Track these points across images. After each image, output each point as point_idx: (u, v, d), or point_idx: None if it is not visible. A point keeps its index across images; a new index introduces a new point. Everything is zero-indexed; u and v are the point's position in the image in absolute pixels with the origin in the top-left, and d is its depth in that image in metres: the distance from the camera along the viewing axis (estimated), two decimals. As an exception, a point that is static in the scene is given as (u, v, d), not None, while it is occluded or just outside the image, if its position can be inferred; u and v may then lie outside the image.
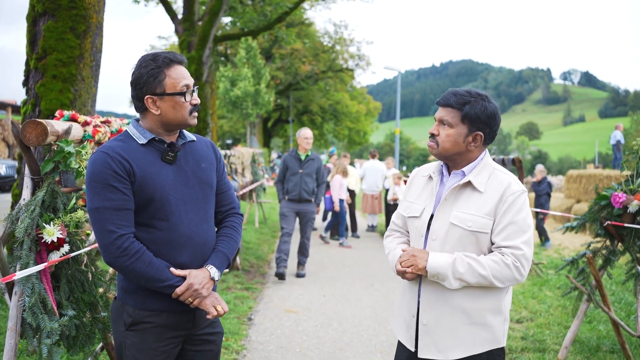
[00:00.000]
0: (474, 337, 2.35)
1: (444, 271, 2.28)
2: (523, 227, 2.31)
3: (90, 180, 2.16)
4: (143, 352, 2.25)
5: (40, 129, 2.74)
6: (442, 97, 2.42)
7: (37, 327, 2.56)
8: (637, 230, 4.48)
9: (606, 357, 4.80)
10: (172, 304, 2.25)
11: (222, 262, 2.36)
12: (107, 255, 2.16)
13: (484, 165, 2.42)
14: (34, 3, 6.16)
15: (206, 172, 2.39)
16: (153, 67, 2.23)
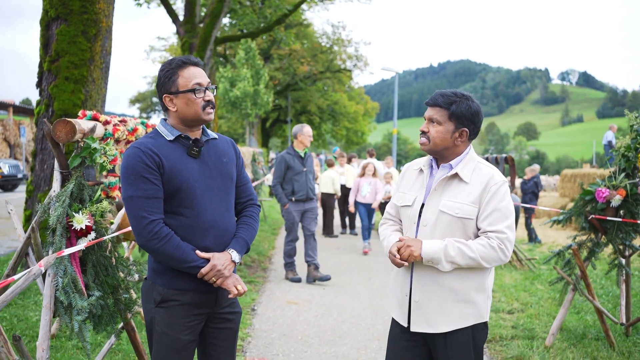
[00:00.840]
0: (460, 312, 2.62)
1: (437, 256, 2.53)
2: (505, 214, 2.58)
3: (125, 172, 2.42)
4: (171, 326, 2.50)
5: (69, 127, 3.03)
6: (430, 98, 2.68)
7: (68, 305, 2.84)
8: (619, 223, 4.78)
9: (591, 343, 5.08)
10: (197, 283, 2.49)
11: (242, 246, 2.61)
12: (140, 239, 2.42)
13: (469, 159, 2.69)
14: (47, 8, 6.44)
15: (227, 166, 2.63)
16: (168, 70, 2.50)
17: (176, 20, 15.30)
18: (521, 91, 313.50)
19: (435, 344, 2.67)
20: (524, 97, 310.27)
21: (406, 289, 2.72)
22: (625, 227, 4.78)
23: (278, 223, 14.21)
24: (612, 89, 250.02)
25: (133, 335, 3.50)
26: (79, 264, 3.00)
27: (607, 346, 4.98)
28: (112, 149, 3.35)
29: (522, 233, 13.39)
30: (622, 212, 4.78)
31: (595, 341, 5.14)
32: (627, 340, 5.16)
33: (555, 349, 4.92)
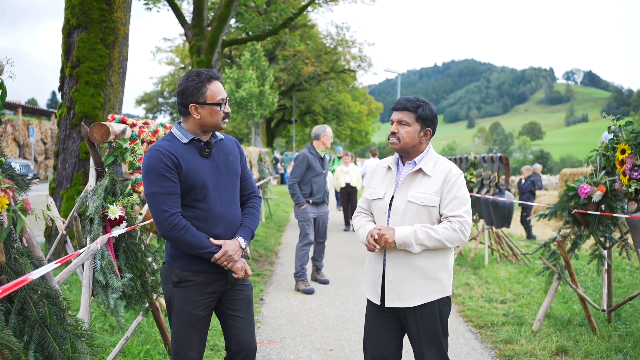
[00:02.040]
0: (428, 288, 3.04)
1: (408, 240, 2.94)
2: (463, 201, 3.03)
3: (147, 171, 2.76)
4: (187, 303, 2.87)
5: (104, 129, 3.46)
6: (398, 103, 3.09)
7: (105, 284, 3.27)
8: (600, 217, 5.18)
9: (575, 329, 5.48)
10: (209, 266, 2.86)
11: (247, 234, 3.00)
12: (161, 230, 2.77)
13: (430, 155, 3.13)
14: (69, 17, 6.89)
15: (233, 164, 3.01)
16: (197, 82, 2.82)
17: (185, 23, 15.74)
18: (526, 91, 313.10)
19: (407, 318, 3.08)
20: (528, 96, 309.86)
21: (379, 271, 3.12)
22: (605, 221, 5.18)
23: (283, 220, 14.65)
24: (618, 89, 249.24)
25: (157, 314, 3.93)
26: (112, 249, 3.43)
27: (590, 331, 5.37)
28: (140, 148, 3.78)
29: (518, 230, 13.80)
30: (602, 206, 5.18)
31: (579, 327, 5.53)
32: (608, 325, 5.56)
33: (541, 334, 5.32)
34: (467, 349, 5.08)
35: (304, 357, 4.85)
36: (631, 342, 5.00)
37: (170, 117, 50.87)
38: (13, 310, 1.93)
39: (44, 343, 1.97)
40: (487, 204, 8.67)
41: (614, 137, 4.91)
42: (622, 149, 4.73)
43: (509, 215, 8.53)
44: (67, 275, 2.76)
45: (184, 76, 2.91)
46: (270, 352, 4.93)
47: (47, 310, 2.00)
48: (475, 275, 8.07)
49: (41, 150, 34.31)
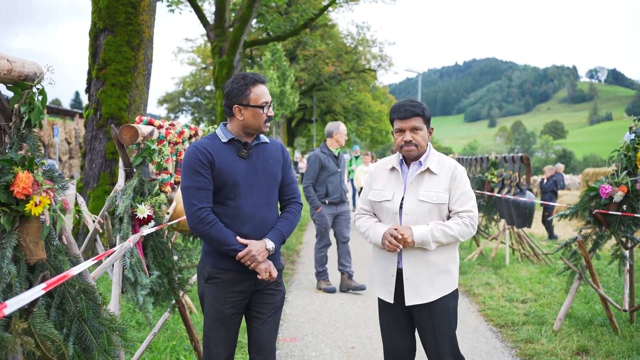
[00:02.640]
0: (442, 282, 3.14)
1: (426, 239, 3.01)
2: (470, 195, 3.14)
3: (184, 166, 2.88)
4: (216, 300, 2.93)
5: (133, 131, 3.57)
6: (405, 112, 3.11)
7: (134, 281, 3.38)
8: (621, 217, 5.18)
9: (597, 329, 5.48)
10: (238, 265, 2.89)
11: (277, 237, 2.99)
12: (190, 222, 2.85)
13: (433, 154, 3.22)
14: (96, 20, 7.06)
15: (272, 167, 3.04)
16: (242, 84, 2.90)
17: (207, 24, 15.92)
18: (548, 89, 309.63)
19: (421, 314, 3.16)
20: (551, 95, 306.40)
21: (392, 270, 3.18)
22: (626, 221, 5.17)
23: (304, 219, 14.73)
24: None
25: (183, 311, 4.04)
26: (141, 247, 3.54)
27: (611, 331, 5.37)
28: (167, 149, 3.89)
29: (540, 230, 13.72)
30: (624, 207, 5.18)
31: (601, 327, 5.53)
32: (630, 326, 5.55)
33: (562, 333, 5.34)
34: (488, 347, 5.11)
35: (325, 354, 4.93)
36: (653, 343, 5.00)
37: (191, 117, 51.27)
38: (53, 304, 2.04)
39: (81, 336, 2.08)
40: (508, 203, 8.66)
41: (636, 137, 4.91)
42: (644, 149, 4.73)
43: (530, 215, 8.52)
44: (102, 271, 2.87)
45: (231, 79, 3.00)
46: (293, 350, 5.02)
47: (85, 305, 2.10)
48: (496, 275, 8.08)
49: (65, 150, 34.87)
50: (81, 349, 2.06)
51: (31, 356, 1.84)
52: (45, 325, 1.87)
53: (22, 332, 1.79)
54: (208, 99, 47.14)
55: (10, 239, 1.86)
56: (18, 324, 1.78)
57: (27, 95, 1.98)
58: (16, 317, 1.80)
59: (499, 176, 9.02)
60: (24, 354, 1.83)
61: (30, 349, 1.79)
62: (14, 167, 1.88)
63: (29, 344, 1.79)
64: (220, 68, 15.19)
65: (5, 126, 1.99)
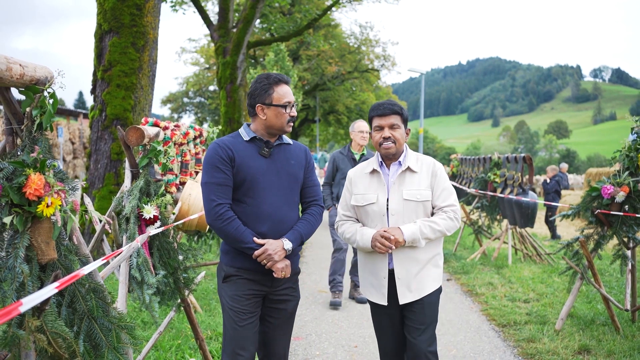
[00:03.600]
0: (432, 277, 3.22)
1: (416, 237, 3.07)
2: (450, 190, 3.24)
3: (205, 162, 2.89)
4: (233, 299, 2.91)
5: (139, 133, 3.62)
6: (384, 109, 3.19)
7: (141, 281, 3.43)
8: (623, 217, 5.21)
9: (598, 328, 5.52)
10: (253, 264, 2.88)
11: (296, 238, 2.96)
12: (208, 218, 2.86)
13: (410, 153, 3.28)
14: (101, 22, 7.11)
15: (294, 168, 3.04)
16: (265, 84, 2.94)
17: (210, 25, 15.97)
18: (552, 89, 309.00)
19: (412, 310, 3.21)
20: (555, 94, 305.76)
21: (384, 272, 3.20)
22: (628, 221, 5.21)
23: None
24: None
25: (188, 310, 4.08)
26: (147, 247, 3.59)
27: (613, 330, 5.41)
28: (173, 150, 3.94)
29: (543, 230, 13.74)
30: (626, 207, 5.22)
31: (603, 326, 5.57)
32: (632, 325, 5.59)
33: (564, 333, 5.37)
34: (490, 347, 5.15)
35: (329, 353, 4.98)
36: (655, 342, 5.03)
37: (195, 117, 51.36)
38: (64, 303, 2.09)
39: (91, 333, 2.12)
40: (510, 203, 8.70)
41: (638, 138, 4.94)
42: (645, 150, 4.76)
43: (532, 215, 8.55)
44: (111, 271, 2.92)
45: (255, 79, 3.03)
46: (297, 348, 5.07)
47: (94, 304, 2.15)
48: (499, 275, 8.11)
49: (69, 150, 34.95)
50: (91, 347, 2.11)
51: (44, 353, 1.89)
52: (57, 323, 1.92)
53: (35, 329, 1.84)
54: (211, 99, 47.21)
55: (23, 239, 1.91)
56: (31, 321, 1.83)
57: (39, 99, 2.04)
58: (29, 315, 1.85)
59: (502, 176, 9.06)
60: (37, 351, 1.88)
61: (42, 346, 1.84)
62: (26, 169, 1.94)
63: (41, 341, 1.84)
64: (223, 68, 15.24)
65: (17, 129, 2.04)
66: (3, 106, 2.01)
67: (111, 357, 2.12)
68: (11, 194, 1.86)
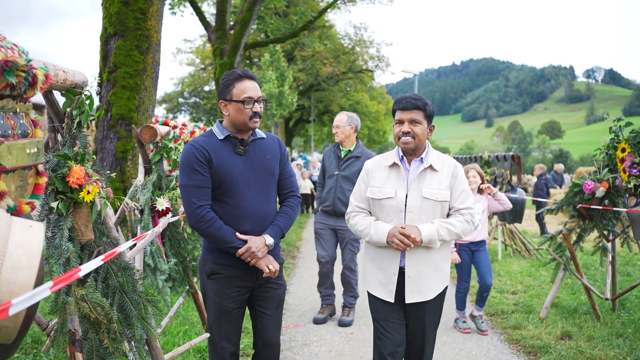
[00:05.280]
0: (439, 279, 3.17)
1: (433, 237, 2.99)
2: (468, 193, 3.18)
3: (181, 164, 2.86)
4: (218, 295, 2.95)
5: (152, 131, 3.92)
6: (407, 103, 3.09)
7: (154, 267, 3.74)
8: (603, 211, 5.54)
9: (581, 316, 5.85)
10: (238, 261, 2.90)
11: (276, 232, 2.99)
12: (189, 220, 2.86)
13: (432, 151, 3.20)
14: (107, 26, 7.40)
15: (270, 162, 3.02)
16: (227, 80, 2.92)
17: (208, 27, 16.26)
18: (545, 89, 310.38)
19: (417, 311, 3.17)
20: (548, 95, 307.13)
21: (394, 269, 3.12)
22: (607, 215, 5.54)
23: (303, 217, 15.11)
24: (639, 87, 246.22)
25: (196, 296, 4.39)
26: (160, 236, 3.90)
27: (594, 318, 5.74)
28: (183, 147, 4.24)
29: (534, 227, 14.10)
30: (605, 201, 5.55)
31: (585, 315, 5.90)
32: (612, 313, 5.92)
33: (548, 321, 5.70)
34: (478, 334, 5.47)
35: (326, 339, 5.28)
36: (632, 328, 5.36)
37: (190, 117, 51.55)
38: (99, 278, 2.39)
39: (123, 305, 2.43)
40: (500, 200, 9.02)
41: (615, 136, 5.28)
42: (622, 147, 5.10)
43: (520, 211, 8.89)
44: (137, 253, 3.21)
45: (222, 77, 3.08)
46: (296, 335, 5.37)
47: (125, 280, 2.45)
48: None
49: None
50: (122, 317, 2.41)
51: (86, 319, 2.19)
52: (95, 294, 2.22)
53: (80, 298, 2.14)
54: (207, 99, 47.38)
55: (67, 221, 2.21)
56: (77, 290, 2.13)
57: (78, 101, 2.33)
58: (75, 285, 2.15)
59: (492, 174, 9.39)
60: (80, 317, 2.18)
61: (85, 312, 2.14)
62: (69, 161, 2.23)
63: (84, 308, 2.13)
64: (221, 70, 15.54)
65: (58, 127, 2.34)
66: (47, 106, 2.31)
67: (140, 326, 2.43)
68: (56, 182, 2.16)
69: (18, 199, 1.73)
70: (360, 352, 4.92)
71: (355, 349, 5.02)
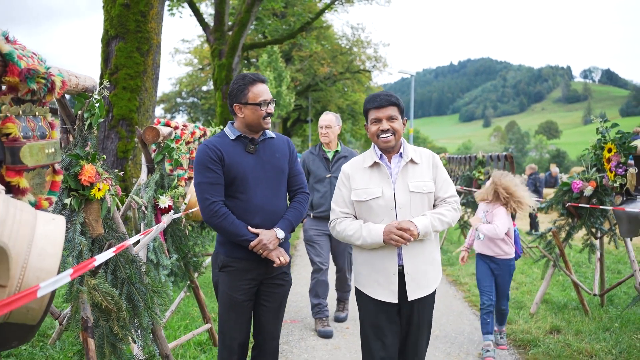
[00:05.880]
0: (435, 273, 3.18)
1: (428, 230, 2.98)
2: (449, 180, 3.21)
3: (196, 163, 3.02)
4: (230, 287, 3.07)
5: (155, 132, 4.08)
6: (382, 100, 3.05)
7: (157, 263, 3.89)
8: (590, 209, 5.72)
9: (570, 312, 6.02)
10: (250, 254, 3.04)
11: (287, 226, 3.13)
12: (204, 216, 3.00)
13: (408, 145, 3.17)
14: (108, 28, 7.55)
15: (279, 161, 3.17)
16: (241, 84, 3.06)
17: (206, 28, 16.42)
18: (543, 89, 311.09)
19: (413, 308, 3.13)
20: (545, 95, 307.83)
21: (393, 268, 3.06)
22: (595, 213, 5.72)
23: (301, 217, 15.26)
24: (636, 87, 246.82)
25: (197, 291, 4.55)
26: (162, 233, 4.06)
27: (583, 313, 5.92)
28: (184, 148, 4.41)
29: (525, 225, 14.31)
30: (593, 200, 5.73)
31: (574, 310, 6.08)
32: (600, 309, 6.10)
33: (538, 316, 5.88)
34: (470, 328, 5.64)
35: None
36: (619, 323, 5.54)
37: (187, 117, 51.69)
38: (108, 270, 2.56)
39: (130, 295, 2.59)
40: (493, 199, 9.19)
41: (602, 137, 5.45)
42: (608, 148, 5.27)
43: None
44: (143, 247, 3.37)
45: (233, 80, 3.30)
46: (293, 330, 5.54)
47: (132, 272, 2.61)
48: (482, 267, 8.61)
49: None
50: (130, 307, 2.58)
51: (97, 307, 2.35)
52: (106, 285, 2.38)
53: (92, 287, 2.30)
54: (204, 99, 47.54)
55: (79, 216, 2.37)
56: (90, 280, 2.29)
57: (89, 104, 2.49)
58: (87, 276, 2.31)
59: (486, 174, 9.56)
60: (91, 306, 2.34)
61: (97, 301, 2.30)
62: (81, 160, 2.39)
63: (96, 296, 2.30)
64: (219, 70, 15.69)
65: (70, 128, 2.50)
66: (59, 109, 2.47)
67: (147, 315, 2.60)
68: (69, 180, 2.32)
69: (37, 195, 1.89)
70: (356, 345, 5.09)
71: (351, 342, 5.19)
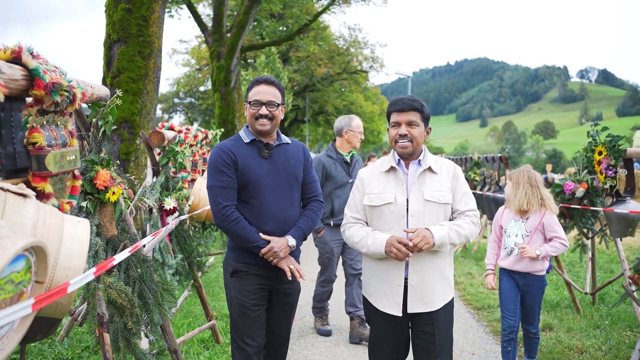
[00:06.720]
0: (445, 289, 3.00)
1: (444, 241, 2.83)
2: (470, 194, 3.06)
3: (209, 166, 3.01)
4: (240, 293, 3.04)
5: (160, 136, 4.22)
6: (404, 104, 2.95)
7: (162, 262, 4.04)
8: (582, 210, 5.88)
9: (562, 310, 6.18)
10: (260, 260, 2.99)
11: (299, 234, 3.07)
12: (215, 219, 2.97)
13: (428, 153, 3.07)
14: (110, 32, 7.69)
15: (294, 167, 3.11)
16: (250, 84, 3.10)
17: (205, 30, 16.55)
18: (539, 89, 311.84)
19: (422, 324, 2.98)
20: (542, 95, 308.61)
21: (400, 279, 2.95)
22: (586, 213, 5.88)
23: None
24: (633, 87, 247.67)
25: (200, 290, 4.69)
26: (168, 234, 4.20)
27: (575, 311, 6.08)
28: (188, 151, 4.55)
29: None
30: (585, 201, 5.89)
31: (566, 308, 6.24)
32: (592, 307, 6.27)
33: (531, 314, 6.03)
34: (465, 326, 5.80)
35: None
36: (609, 320, 5.71)
37: (185, 117, 51.80)
38: (121, 269, 2.70)
39: (142, 292, 2.74)
40: (488, 200, 9.36)
41: (592, 140, 5.61)
42: (599, 150, 5.44)
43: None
44: (152, 247, 3.52)
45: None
46: (293, 328, 5.69)
47: (143, 271, 2.76)
48: (477, 266, 8.78)
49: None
50: (142, 304, 2.73)
51: (112, 304, 2.50)
52: (119, 283, 2.53)
53: (108, 285, 2.45)
54: (202, 99, 47.67)
55: (94, 218, 2.51)
56: (106, 279, 2.44)
57: (102, 112, 2.64)
58: (104, 274, 2.46)
59: (481, 175, 9.73)
60: (106, 303, 2.48)
61: (113, 297, 2.44)
62: (96, 166, 2.54)
63: (112, 294, 2.44)
64: (218, 72, 15.83)
65: (85, 135, 2.64)
66: (75, 117, 2.61)
67: (157, 311, 2.75)
68: (85, 184, 2.46)
69: (59, 199, 2.03)
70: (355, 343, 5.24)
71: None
